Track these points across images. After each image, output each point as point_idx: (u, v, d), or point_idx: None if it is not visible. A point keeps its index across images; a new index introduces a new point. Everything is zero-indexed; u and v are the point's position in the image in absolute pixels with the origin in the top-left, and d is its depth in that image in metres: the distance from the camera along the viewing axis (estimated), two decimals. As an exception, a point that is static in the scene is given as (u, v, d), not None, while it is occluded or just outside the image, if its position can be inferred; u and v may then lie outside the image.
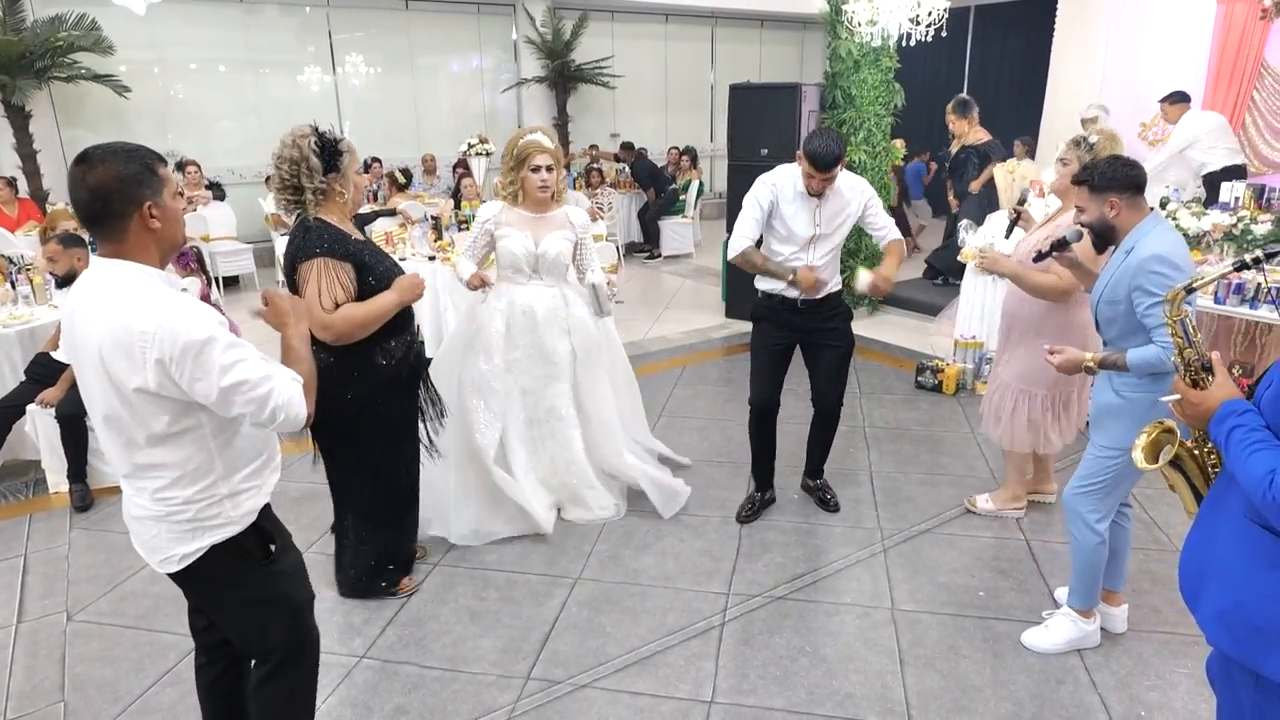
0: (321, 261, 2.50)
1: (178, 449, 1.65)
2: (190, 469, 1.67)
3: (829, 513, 3.57)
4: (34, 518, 3.71)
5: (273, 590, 1.85)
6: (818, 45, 12.28)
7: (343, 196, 2.59)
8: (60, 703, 2.51)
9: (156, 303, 1.55)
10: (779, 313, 3.31)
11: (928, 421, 4.57)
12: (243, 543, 1.77)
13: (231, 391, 1.58)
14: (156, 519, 1.70)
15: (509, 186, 3.27)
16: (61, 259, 3.96)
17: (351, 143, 2.63)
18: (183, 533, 1.71)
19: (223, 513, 1.72)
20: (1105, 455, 2.46)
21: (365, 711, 2.44)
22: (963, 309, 5.27)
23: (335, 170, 2.54)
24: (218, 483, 1.70)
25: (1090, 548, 2.53)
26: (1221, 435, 1.48)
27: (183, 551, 1.72)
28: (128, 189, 1.56)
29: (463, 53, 10.53)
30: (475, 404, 3.30)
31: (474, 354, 3.31)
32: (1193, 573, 1.57)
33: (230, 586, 1.81)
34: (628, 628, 2.81)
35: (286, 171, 2.50)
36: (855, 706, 2.43)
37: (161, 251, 1.65)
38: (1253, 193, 5.06)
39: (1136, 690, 2.47)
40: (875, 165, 6.36)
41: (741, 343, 5.99)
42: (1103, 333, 2.49)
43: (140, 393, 1.57)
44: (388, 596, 2.97)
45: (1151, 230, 2.30)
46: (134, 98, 8.01)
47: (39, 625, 2.92)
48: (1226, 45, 6.66)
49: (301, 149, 2.47)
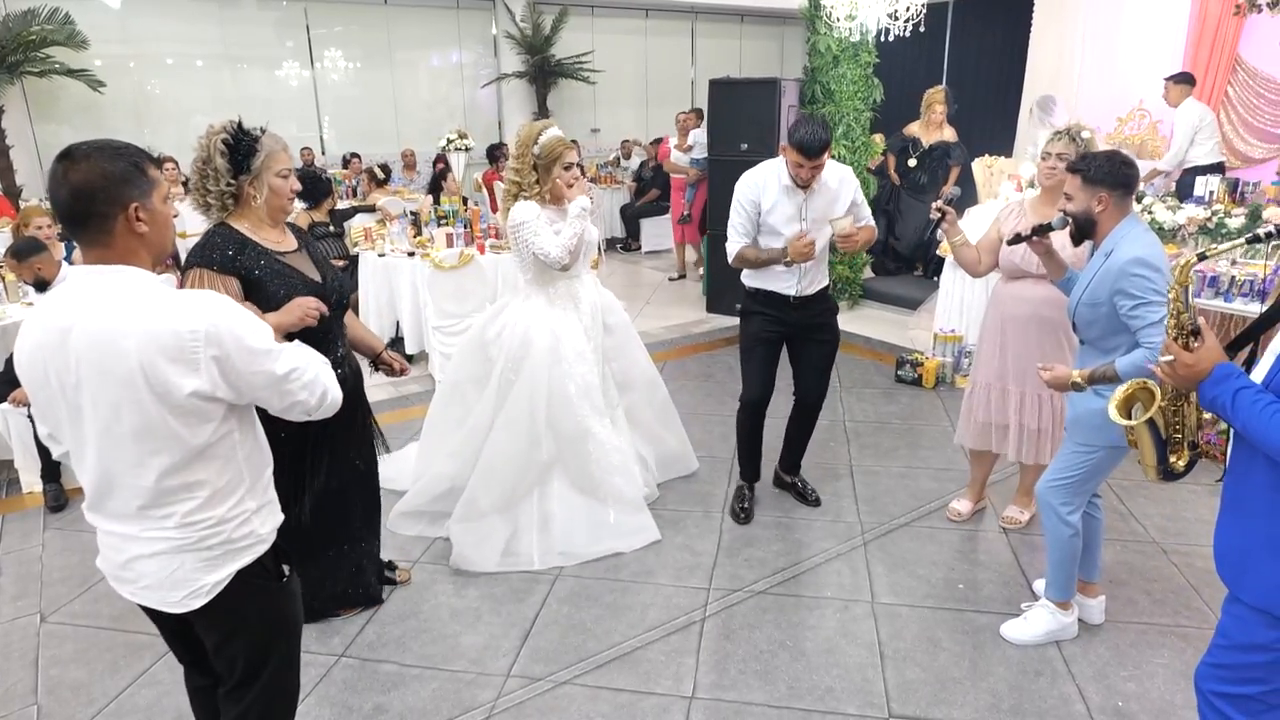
0: (198, 273, 2.27)
1: (214, 460, 1.55)
2: (223, 483, 1.57)
3: (809, 506, 3.58)
4: (7, 518, 3.66)
5: (285, 611, 1.76)
6: (797, 40, 12.30)
7: (255, 200, 2.31)
8: (34, 705, 2.48)
9: (191, 301, 1.48)
10: (771, 308, 3.28)
11: (907, 415, 4.60)
12: (265, 563, 1.67)
13: (287, 379, 1.54)
14: (179, 550, 1.56)
15: (534, 187, 3.12)
16: (20, 272, 3.88)
17: (277, 142, 2.34)
18: (213, 559, 1.58)
19: (253, 531, 1.63)
20: (1081, 451, 2.48)
21: (344, 710, 2.43)
22: (941, 302, 5.31)
23: (246, 171, 2.28)
24: (246, 497, 1.61)
25: (1064, 539, 2.56)
26: (1225, 395, 1.51)
27: (212, 580, 1.58)
28: (112, 189, 1.44)
29: (442, 48, 10.46)
30: (586, 409, 3.24)
31: (566, 363, 3.20)
32: (1231, 555, 1.60)
33: (251, 612, 1.68)
34: (608, 624, 2.81)
35: (195, 171, 2.32)
36: (835, 700, 2.44)
37: (152, 256, 1.54)
38: (1226, 186, 5.13)
39: (1114, 680, 2.50)
40: (855, 160, 6.38)
41: (723, 338, 6.00)
42: (1081, 334, 2.49)
43: (195, 397, 1.46)
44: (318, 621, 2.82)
45: (1129, 233, 2.31)
46: (109, 93, 7.90)
47: (12, 627, 2.88)
48: (1201, 40, 6.74)
49: (208, 149, 2.25)
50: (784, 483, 3.69)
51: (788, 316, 3.28)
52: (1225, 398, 1.51)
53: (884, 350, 5.65)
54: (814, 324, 3.31)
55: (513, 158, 3.21)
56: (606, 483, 3.29)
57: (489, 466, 3.19)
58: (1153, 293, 2.22)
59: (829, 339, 3.36)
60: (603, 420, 3.32)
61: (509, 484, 3.22)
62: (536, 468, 3.24)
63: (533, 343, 3.19)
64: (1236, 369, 1.54)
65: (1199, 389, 1.59)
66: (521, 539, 3.21)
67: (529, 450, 3.21)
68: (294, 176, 2.41)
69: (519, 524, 3.23)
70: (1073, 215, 2.40)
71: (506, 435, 3.19)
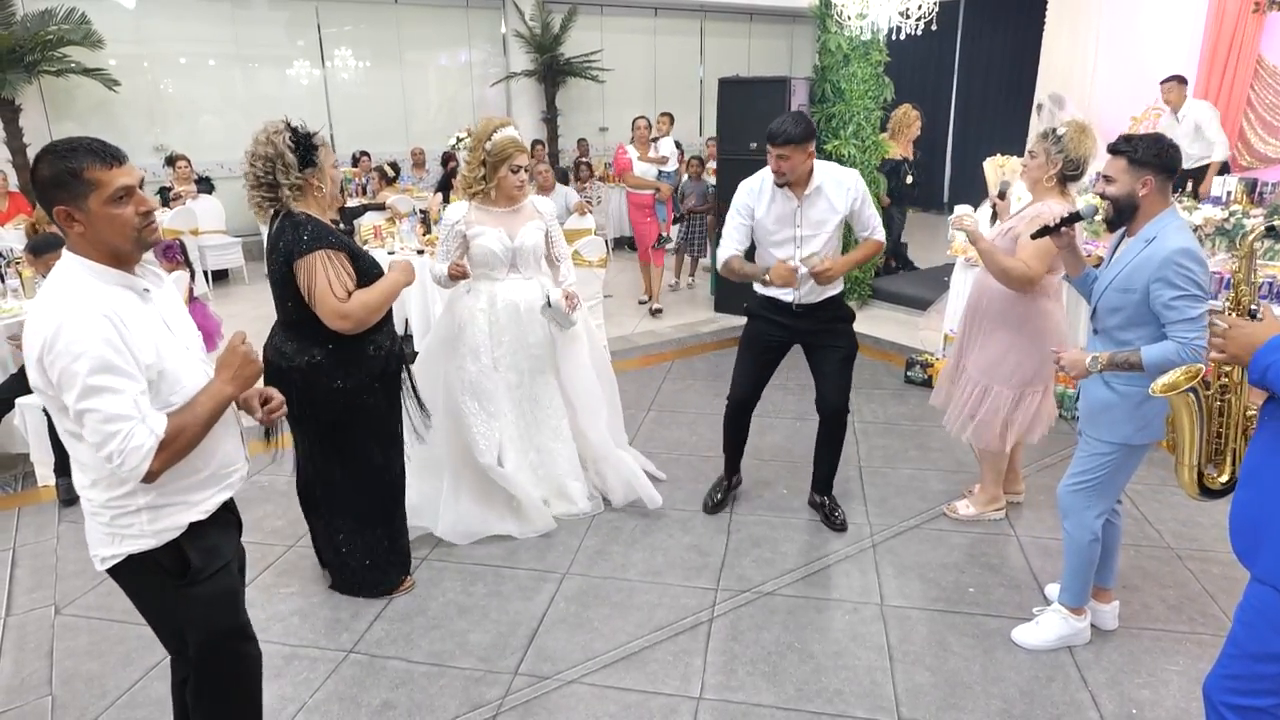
0: (324, 254, 2.50)
1: (89, 449, 1.61)
2: (105, 474, 1.63)
3: (835, 531, 3.39)
4: (22, 511, 3.69)
5: (190, 612, 1.78)
6: (807, 39, 12.27)
7: (320, 190, 2.57)
8: (48, 696, 2.51)
9: (58, 305, 1.54)
10: (774, 313, 3.27)
11: (917, 416, 4.58)
12: (158, 558, 1.72)
13: (83, 415, 1.54)
14: (88, 514, 1.72)
15: (478, 184, 3.17)
16: (36, 266, 3.94)
17: (325, 136, 2.61)
18: (104, 534, 1.70)
19: (137, 524, 1.68)
20: (1099, 450, 2.44)
21: (353, 706, 2.44)
22: (951, 303, 5.27)
23: (312, 164, 2.52)
24: (135, 494, 1.65)
25: (1084, 545, 2.52)
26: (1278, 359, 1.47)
27: (104, 553, 1.72)
28: (46, 192, 1.56)
29: (451, 47, 10.48)
30: (470, 407, 3.28)
31: (459, 356, 3.29)
32: (1246, 527, 1.58)
33: (143, 598, 1.80)
34: (616, 623, 2.80)
35: (261, 169, 2.47)
36: (844, 703, 2.43)
37: (101, 254, 1.60)
38: (1244, 187, 5.08)
39: (1127, 688, 2.47)
40: (864, 160, 6.35)
41: (731, 338, 5.97)
42: (1100, 321, 2.42)
43: (38, 390, 1.59)
44: (387, 596, 2.94)
45: (1173, 222, 2.26)
46: (123, 91, 7.97)
47: (27, 619, 2.91)
48: (1219, 39, 6.67)
49: (276, 145, 2.45)
50: (813, 502, 3.56)
51: (790, 323, 3.25)
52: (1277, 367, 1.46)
53: (893, 351, 5.62)
54: (821, 330, 3.24)
55: (467, 151, 3.28)
56: (491, 472, 3.30)
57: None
58: (1195, 286, 2.16)
59: (840, 345, 3.24)
60: (490, 422, 3.29)
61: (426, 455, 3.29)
62: (437, 447, 3.27)
63: (437, 334, 3.39)
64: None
65: (1253, 359, 1.52)
66: (435, 508, 3.32)
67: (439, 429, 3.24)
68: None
69: (439, 496, 3.33)
70: (1113, 198, 2.31)
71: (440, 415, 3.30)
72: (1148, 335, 2.29)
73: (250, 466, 1.97)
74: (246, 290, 7.40)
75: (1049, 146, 2.92)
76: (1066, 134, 2.90)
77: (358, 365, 2.67)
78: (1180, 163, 2.32)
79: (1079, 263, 2.56)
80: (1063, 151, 2.89)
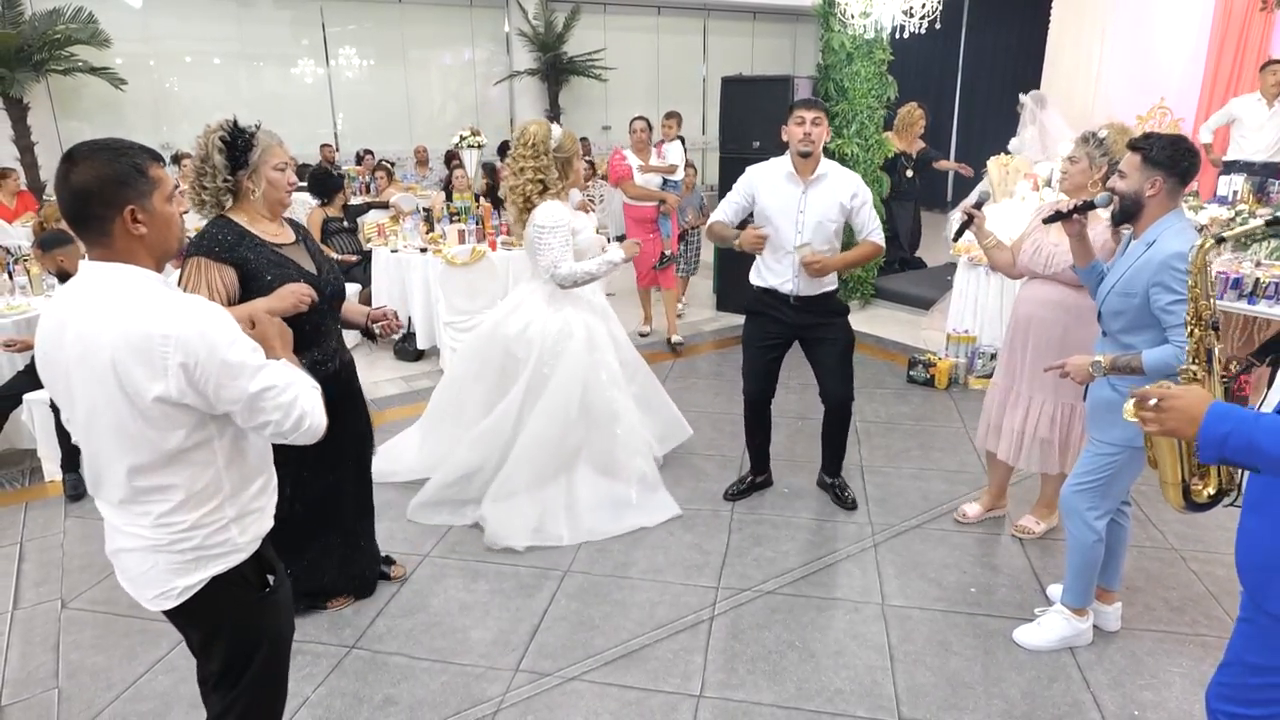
0: (197, 261, 2.33)
1: (188, 466, 1.54)
2: (198, 489, 1.55)
3: (845, 509, 3.55)
4: (29, 506, 3.72)
5: (267, 624, 1.73)
6: (810, 37, 12.26)
7: (253, 194, 2.39)
8: (55, 689, 2.52)
9: (173, 305, 1.45)
10: (771, 307, 3.34)
11: (919, 416, 4.57)
12: (245, 572, 1.65)
13: (260, 397, 1.49)
14: (154, 549, 1.56)
15: (557, 184, 3.28)
16: (44, 262, 3.95)
17: (273, 137, 2.41)
18: (184, 563, 1.57)
19: (230, 539, 1.61)
20: (1103, 452, 2.43)
21: (355, 701, 2.45)
22: (955, 303, 5.27)
23: (244, 166, 2.36)
24: (225, 504, 1.59)
25: (1087, 545, 2.51)
26: (1245, 422, 1.33)
27: (184, 584, 1.58)
28: (108, 191, 1.44)
29: (455, 46, 10.51)
30: (623, 401, 3.45)
31: (599, 350, 3.41)
32: (1257, 562, 1.49)
33: (227, 621, 1.68)
34: (617, 621, 2.81)
35: (194, 169, 2.39)
36: (844, 702, 2.43)
37: (153, 257, 1.53)
38: (1251, 186, 5.06)
39: (1130, 689, 2.47)
40: (868, 159, 6.34)
41: (733, 336, 5.98)
42: (1106, 325, 2.43)
43: (161, 402, 1.45)
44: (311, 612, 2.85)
45: (1175, 226, 2.24)
46: (129, 90, 8.03)
47: (34, 612, 2.93)
48: (1226, 38, 6.64)
49: (207, 146, 2.33)
50: (824, 483, 3.71)
51: (788, 316, 3.32)
52: (1245, 427, 1.31)
53: (896, 350, 5.62)
54: (818, 324, 3.33)
55: (527, 157, 3.26)
56: (629, 464, 3.45)
57: (525, 451, 3.34)
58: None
59: (837, 337, 3.34)
60: (628, 404, 3.47)
61: (542, 467, 3.37)
62: (568, 453, 3.40)
63: (572, 335, 3.36)
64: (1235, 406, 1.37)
65: (1200, 434, 1.37)
66: (549, 519, 3.33)
67: (562, 437, 3.36)
68: (291, 170, 2.48)
69: (546, 506, 3.37)
70: (1121, 194, 2.29)
71: (545, 422, 3.34)
72: (1151, 338, 2.28)
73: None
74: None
75: (1091, 151, 2.79)
76: (1109, 136, 2.80)
77: None
78: (1197, 171, 2.29)
79: (1087, 253, 2.54)
80: (1106, 155, 2.78)
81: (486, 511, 3.32)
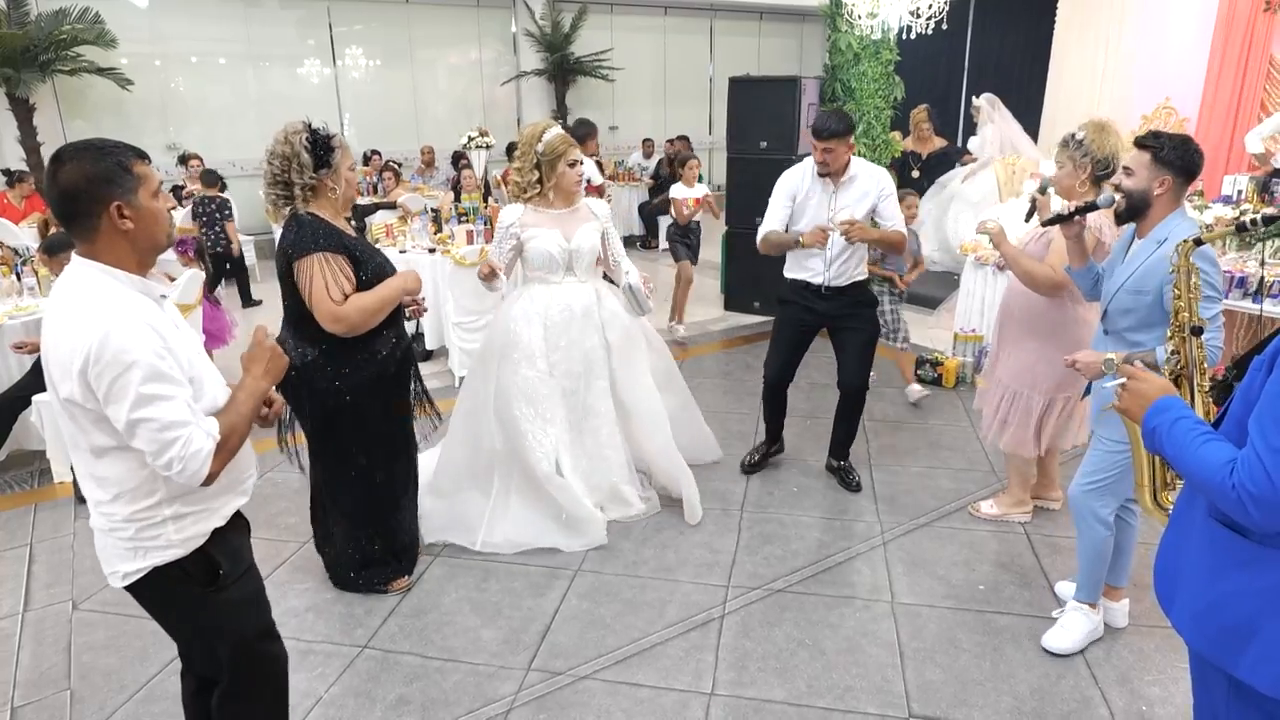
0: (321, 256, 2.51)
1: (119, 464, 1.60)
2: (130, 487, 1.61)
3: (851, 492, 3.68)
4: (39, 507, 3.73)
5: (219, 618, 1.78)
6: (817, 38, 12.24)
7: (334, 192, 2.59)
8: (66, 690, 2.54)
9: (98, 313, 1.50)
10: (804, 297, 3.54)
11: (928, 414, 4.58)
12: (186, 567, 1.69)
13: (137, 425, 1.51)
14: (103, 532, 1.67)
15: (533, 187, 3.20)
16: (50, 265, 3.98)
17: (345, 139, 2.62)
18: (125, 550, 1.65)
19: (164, 535, 1.65)
20: (1112, 450, 2.44)
21: (368, 701, 2.46)
22: (962, 301, 5.28)
23: (327, 166, 2.54)
24: (161, 504, 1.63)
25: (1100, 540, 2.52)
26: (1164, 424, 1.43)
27: (125, 569, 1.67)
28: (95, 188, 1.50)
29: (462, 46, 10.53)
30: (525, 412, 3.23)
31: (513, 361, 3.25)
32: (1167, 573, 1.54)
33: (172, 609, 1.77)
34: (627, 619, 2.82)
35: (278, 167, 2.51)
36: (855, 699, 2.44)
37: (139, 253, 1.60)
38: (1255, 185, 5.06)
39: (1138, 685, 2.48)
40: (875, 158, 6.35)
41: (740, 335, 6.00)
42: (1112, 323, 2.43)
43: (69, 403, 1.53)
44: (378, 594, 2.96)
45: (1183, 224, 2.26)
46: (136, 90, 8.04)
47: (45, 614, 2.94)
48: (1230, 39, 6.64)
49: (293, 145, 2.48)
50: (831, 467, 3.83)
51: (818, 305, 3.52)
52: (1165, 426, 1.42)
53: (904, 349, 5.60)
54: (846, 313, 3.52)
55: (516, 158, 3.27)
56: (546, 485, 3.24)
57: (447, 448, 3.40)
58: (1208, 286, 2.14)
59: (863, 327, 3.53)
60: (545, 428, 3.26)
61: (460, 466, 3.36)
62: (486, 454, 3.32)
63: (492, 338, 3.37)
64: (1182, 404, 1.45)
65: (1143, 420, 1.47)
66: (481, 519, 3.29)
67: (477, 438, 3.32)
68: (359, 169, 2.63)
69: (471, 508, 3.32)
70: (1128, 191, 2.28)
71: (460, 421, 3.36)
72: (1160, 337, 2.28)
73: (260, 465, 1.99)
74: (258, 288, 7.44)
75: (1073, 153, 2.82)
76: (1086, 135, 2.83)
77: (352, 366, 2.65)
78: (1201, 170, 2.29)
79: (1083, 254, 2.56)
80: (1087, 154, 2.80)
81: (424, 503, 3.24)
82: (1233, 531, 1.37)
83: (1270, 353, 1.33)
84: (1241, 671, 1.36)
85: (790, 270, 3.58)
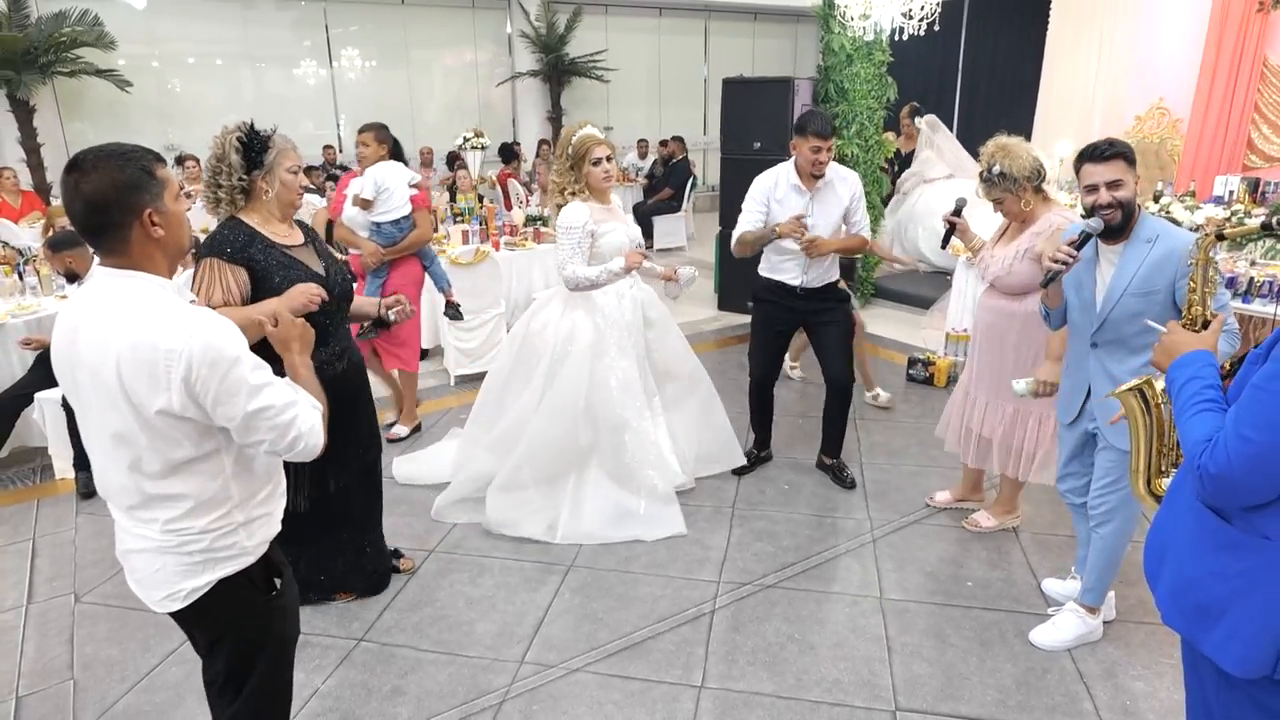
0: (209, 262, 2.38)
1: (195, 476, 1.55)
2: (206, 497, 1.57)
3: (845, 489, 3.73)
4: (41, 503, 3.78)
5: (273, 627, 1.76)
6: (810, 39, 12.30)
7: (266, 194, 2.44)
8: (70, 680, 2.58)
9: (180, 318, 1.45)
10: (778, 296, 3.60)
11: (918, 414, 4.62)
12: (251, 575, 1.66)
13: (256, 416, 1.49)
14: (162, 551, 1.58)
15: (571, 185, 3.33)
16: (54, 263, 3.99)
17: (287, 141, 2.48)
18: (192, 565, 1.59)
19: (237, 543, 1.62)
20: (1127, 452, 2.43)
21: (364, 693, 2.50)
22: (954, 302, 5.32)
23: (259, 167, 2.42)
24: (234, 511, 1.61)
25: (1121, 547, 2.52)
26: (1180, 378, 1.47)
27: (191, 586, 1.60)
28: (125, 197, 1.43)
29: (457, 47, 10.56)
30: (633, 406, 3.40)
31: (608, 356, 3.39)
32: (1155, 550, 1.58)
33: (234, 623, 1.70)
34: (619, 614, 2.86)
35: (210, 168, 2.44)
36: (843, 692, 2.48)
37: (168, 259, 1.54)
38: (1247, 186, 5.11)
39: (1122, 680, 2.51)
40: (868, 159, 6.39)
41: (734, 335, 6.04)
42: (1110, 333, 2.33)
43: (164, 415, 1.46)
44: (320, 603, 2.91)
45: (1157, 220, 2.29)
46: (134, 92, 8.07)
47: (48, 606, 2.99)
48: (1223, 40, 6.68)
49: (224, 146, 2.39)
50: (823, 465, 3.88)
51: (796, 305, 3.60)
52: (1180, 381, 1.46)
53: (896, 349, 5.66)
54: (822, 309, 3.60)
55: (555, 159, 3.45)
56: (639, 474, 3.44)
57: (533, 446, 3.40)
58: (1219, 273, 2.16)
59: (838, 320, 3.62)
60: (641, 414, 3.45)
61: (549, 464, 3.42)
62: (575, 452, 3.43)
63: (577, 338, 3.40)
64: (1209, 361, 1.47)
65: (1169, 369, 1.53)
66: (552, 515, 3.38)
67: (569, 435, 3.39)
68: (302, 174, 2.55)
69: (554, 501, 3.41)
70: (1124, 202, 2.22)
71: (549, 421, 3.40)
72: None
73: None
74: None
75: (1005, 186, 2.81)
76: (997, 164, 2.80)
77: None
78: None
79: (1058, 294, 2.46)
80: (1015, 180, 2.80)
81: (491, 497, 3.38)
82: (1216, 516, 1.41)
83: (1266, 345, 1.37)
84: (1208, 648, 1.42)
85: (766, 270, 3.62)
